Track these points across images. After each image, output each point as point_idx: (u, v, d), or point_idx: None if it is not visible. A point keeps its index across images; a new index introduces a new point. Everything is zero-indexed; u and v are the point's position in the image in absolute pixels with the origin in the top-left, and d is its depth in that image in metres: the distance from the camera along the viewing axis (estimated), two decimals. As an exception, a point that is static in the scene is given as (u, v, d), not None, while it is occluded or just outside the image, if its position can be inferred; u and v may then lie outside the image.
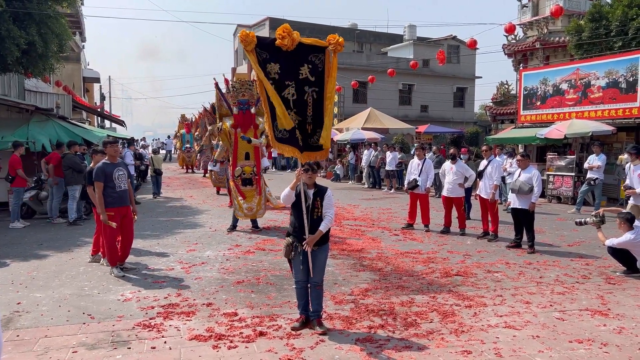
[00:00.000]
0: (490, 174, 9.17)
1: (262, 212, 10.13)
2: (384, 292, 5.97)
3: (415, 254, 8.01)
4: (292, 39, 4.98)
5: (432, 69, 35.73)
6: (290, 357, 4.19)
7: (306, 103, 5.21)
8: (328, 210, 4.85)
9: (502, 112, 21.47)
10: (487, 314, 5.24)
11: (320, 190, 4.90)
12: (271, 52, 5.01)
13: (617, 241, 6.89)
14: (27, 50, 12.16)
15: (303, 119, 5.21)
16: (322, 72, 5.23)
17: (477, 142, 26.27)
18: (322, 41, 5.24)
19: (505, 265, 7.34)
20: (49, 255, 7.81)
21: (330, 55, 5.22)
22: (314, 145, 5.24)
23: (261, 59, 4.99)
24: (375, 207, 13.67)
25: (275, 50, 5.00)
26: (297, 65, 5.13)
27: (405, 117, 31.10)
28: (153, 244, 8.65)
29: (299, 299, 4.95)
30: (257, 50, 4.97)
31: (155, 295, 5.83)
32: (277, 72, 5.04)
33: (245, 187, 9.79)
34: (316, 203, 4.84)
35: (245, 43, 4.92)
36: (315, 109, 5.23)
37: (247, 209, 9.79)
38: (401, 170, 17.88)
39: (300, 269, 4.84)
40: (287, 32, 4.96)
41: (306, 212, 4.79)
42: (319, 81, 5.23)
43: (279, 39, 4.94)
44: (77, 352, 4.28)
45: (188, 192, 17.19)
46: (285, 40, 4.92)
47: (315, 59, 5.20)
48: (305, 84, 5.17)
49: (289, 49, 4.99)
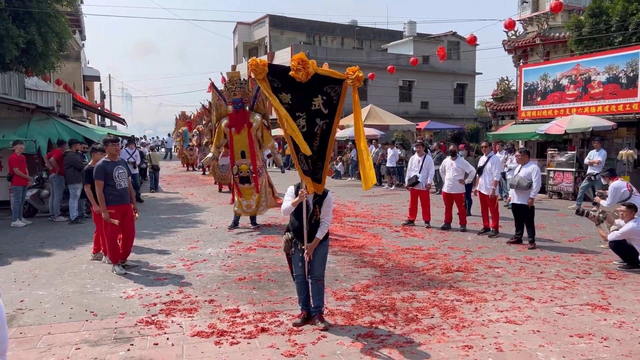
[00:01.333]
0: (490, 170, 9.18)
1: (263, 209, 10.15)
2: (385, 288, 5.99)
3: (416, 250, 8.03)
4: (307, 72, 4.69)
5: (432, 66, 35.71)
6: (292, 352, 4.21)
7: (315, 135, 4.96)
8: (325, 217, 4.83)
9: (503, 108, 21.45)
10: (488, 309, 5.26)
11: (320, 197, 4.86)
12: (283, 82, 4.75)
13: (621, 231, 6.92)
14: (27, 49, 12.17)
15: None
16: (336, 105, 4.95)
17: (478, 138, 26.26)
18: (339, 73, 4.92)
19: (506, 261, 7.36)
20: (51, 254, 7.84)
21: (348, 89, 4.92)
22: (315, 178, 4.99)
23: (273, 87, 4.75)
24: (375, 203, 13.69)
25: (288, 80, 4.73)
26: (310, 96, 4.87)
27: (405, 113, 31.10)
28: (154, 242, 8.68)
29: (299, 294, 4.95)
30: (269, 78, 4.72)
31: (157, 292, 5.86)
32: (288, 103, 4.79)
33: (244, 185, 9.82)
34: (316, 210, 4.82)
35: (256, 72, 4.65)
36: (322, 141, 4.99)
37: (246, 206, 9.83)
38: (401, 167, 17.90)
39: (300, 265, 4.87)
40: (303, 65, 4.66)
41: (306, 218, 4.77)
42: (331, 113, 4.95)
43: (293, 71, 4.67)
44: (80, 348, 4.31)
45: (189, 190, 17.21)
46: (300, 73, 4.66)
47: (330, 91, 4.91)
48: (318, 115, 4.92)
49: (303, 81, 4.73)
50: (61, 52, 14.24)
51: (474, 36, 15.99)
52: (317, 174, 4.98)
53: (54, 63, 13.84)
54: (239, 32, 41.54)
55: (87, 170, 7.39)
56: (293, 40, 35.37)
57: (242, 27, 41.45)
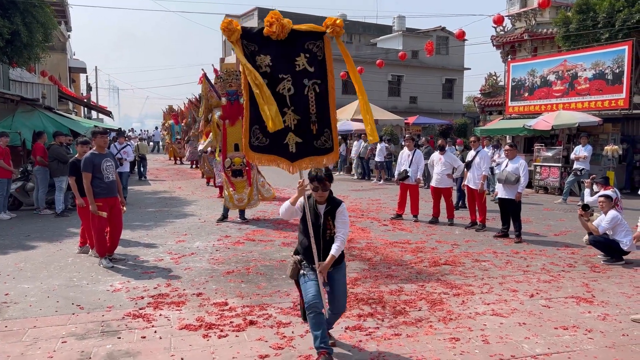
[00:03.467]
0: (479, 164, 9.24)
1: (255, 203, 10.11)
2: (373, 281, 6.02)
3: (404, 243, 8.07)
4: (282, 25, 4.38)
5: (421, 60, 35.79)
6: (280, 345, 4.22)
7: (307, 99, 4.56)
8: (341, 229, 3.96)
9: (491, 103, 21.59)
10: (475, 302, 5.31)
11: (334, 206, 4.00)
12: (260, 43, 4.41)
13: (606, 221, 7.03)
14: (12, 39, 11.98)
15: (305, 118, 4.56)
16: (324, 61, 4.60)
17: (466, 133, 26.40)
18: (317, 26, 4.63)
19: (493, 255, 7.43)
20: (36, 247, 7.75)
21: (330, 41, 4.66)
22: (322, 148, 4.62)
23: (248, 51, 4.40)
24: (364, 197, 13.72)
25: (265, 41, 4.41)
26: (292, 56, 4.50)
27: (394, 108, 31.16)
28: (142, 235, 8.62)
29: (315, 329, 3.85)
30: (243, 42, 4.39)
31: (145, 285, 5.82)
32: (269, 65, 4.42)
33: (236, 178, 9.77)
34: (328, 223, 3.96)
35: (227, 33, 4.35)
36: (320, 105, 4.58)
37: (238, 199, 9.79)
38: (390, 162, 17.95)
39: (312, 292, 3.89)
40: (276, 18, 4.37)
41: (316, 233, 3.98)
42: (320, 72, 4.57)
43: (267, 26, 4.37)
44: (67, 342, 4.28)
45: (176, 184, 17.11)
46: (274, 27, 4.34)
47: (312, 47, 4.57)
48: (304, 76, 4.54)
49: (280, 37, 4.42)
50: (46, 43, 14.05)
51: (462, 31, 16.03)
52: (327, 142, 4.60)
53: (39, 54, 13.65)
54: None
55: (73, 162, 7.30)
56: (282, 33, 35.07)
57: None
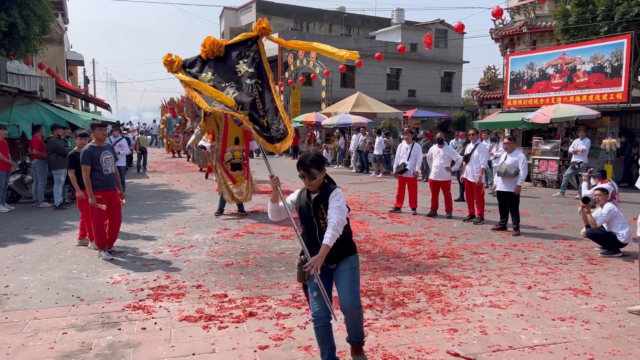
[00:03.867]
0: (477, 157, 9.25)
1: (250, 196, 10.13)
2: (372, 273, 6.04)
3: (402, 236, 8.10)
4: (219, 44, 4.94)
5: (419, 54, 35.73)
6: (280, 336, 4.25)
7: (253, 97, 4.99)
8: (332, 215, 3.42)
9: (489, 96, 21.58)
10: (473, 294, 5.35)
11: (326, 192, 3.56)
12: (200, 66, 4.97)
13: (603, 213, 7.06)
14: (9, 32, 11.93)
15: (254, 113, 4.97)
16: (261, 62, 5.10)
17: (464, 126, 26.42)
18: (249, 33, 5.18)
19: (491, 247, 7.47)
20: (35, 239, 7.76)
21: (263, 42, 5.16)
22: (275, 137, 5.03)
23: (191, 75, 4.90)
24: (363, 191, 13.75)
25: (204, 62, 4.97)
26: (232, 66, 5.02)
27: (392, 101, 31.14)
28: (141, 228, 8.63)
29: (321, 343, 3.54)
30: (185, 70, 4.92)
31: (145, 277, 5.85)
32: (211, 79, 4.93)
33: (235, 171, 9.78)
34: (320, 212, 3.51)
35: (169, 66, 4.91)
36: (264, 100, 5.04)
37: (238, 193, 9.80)
38: (389, 155, 17.97)
39: (315, 297, 3.50)
40: (210, 41, 4.97)
41: (310, 225, 3.58)
42: (260, 72, 5.07)
43: (202, 49, 4.95)
44: (67, 333, 4.30)
45: (175, 177, 17.10)
46: (208, 47, 4.90)
47: (249, 52, 5.06)
48: (246, 77, 5.03)
49: (217, 53, 4.91)
50: (44, 36, 13.99)
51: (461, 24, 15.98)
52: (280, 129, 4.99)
53: (37, 46, 13.61)
54: (226, 17, 41.08)
55: (72, 155, 7.29)
56: (280, 26, 35.03)
57: (229, 12, 40.96)
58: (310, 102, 29.92)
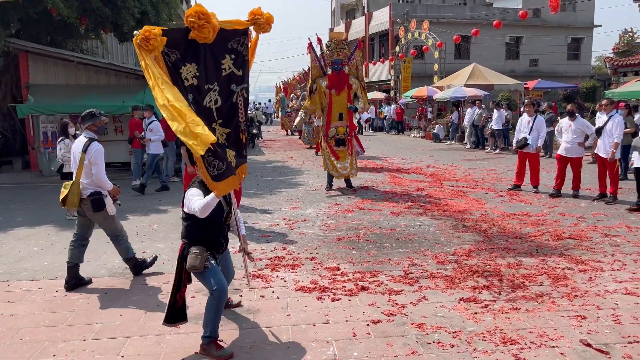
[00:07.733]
0: (611, 130, 8.36)
1: (355, 172, 10.16)
2: (489, 253, 5.78)
3: (523, 216, 7.64)
4: (214, 28, 3.64)
5: (543, 19, 32.92)
6: (392, 312, 4.24)
7: (236, 107, 3.99)
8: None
9: (626, 63, 19.30)
10: (604, 279, 4.90)
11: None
12: (184, 50, 3.66)
13: None
14: (141, 19, 12.99)
15: (235, 129, 3.99)
16: (247, 61, 4.06)
17: (594, 97, 24.00)
18: (244, 21, 4.00)
19: (626, 229, 6.76)
20: (167, 211, 8.50)
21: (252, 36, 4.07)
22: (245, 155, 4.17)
23: (171, 62, 3.62)
24: (478, 167, 13.15)
25: (190, 46, 3.67)
26: (218, 60, 3.86)
27: (512, 72, 29.21)
28: (258, 202, 9.07)
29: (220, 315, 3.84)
30: (164, 50, 3.56)
31: (263, 248, 6.15)
32: (195, 76, 3.70)
33: (339, 147, 9.88)
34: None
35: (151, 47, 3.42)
36: (246, 111, 4.14)
37: (342, 168, 9.91)
38: (507, 129, 16.94)
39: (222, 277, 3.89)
40: (206, 19, 3.58)
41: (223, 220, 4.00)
42: (247, 75, 4.06)
43: (196, 31, 3.60)
44: (195, 297, 4.67)
45: (289, 154, 17.69)
46: (206, 30, 3.59)
47: (237, 45, 3.95)
48: (232, 81, 3.95)
49: (209, 41, 3.69)
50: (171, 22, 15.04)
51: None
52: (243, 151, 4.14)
53: (165, 32, 14.69)
54: (337, -7, 41.05)
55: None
56: (392, -3, 34.17)
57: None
58: (421, 76, 29.07)
